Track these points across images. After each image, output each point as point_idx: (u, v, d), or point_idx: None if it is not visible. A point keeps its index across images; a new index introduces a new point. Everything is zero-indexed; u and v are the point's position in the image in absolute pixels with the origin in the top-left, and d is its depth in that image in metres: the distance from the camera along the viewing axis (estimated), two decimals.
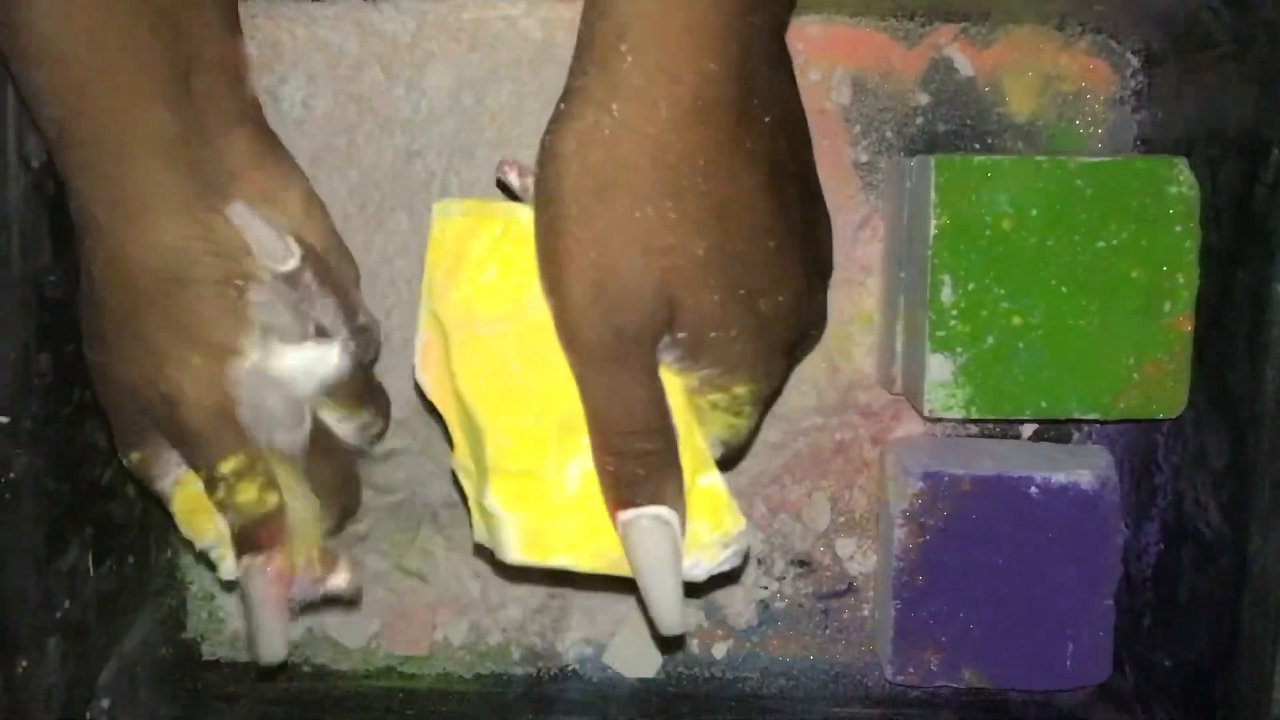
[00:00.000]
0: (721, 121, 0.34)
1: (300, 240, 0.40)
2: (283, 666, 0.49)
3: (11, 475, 0.42)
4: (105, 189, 0.37)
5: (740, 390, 0.37)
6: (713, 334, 0.35)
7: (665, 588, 0.37)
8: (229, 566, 0.41)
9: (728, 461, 0.45)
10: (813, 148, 0.40)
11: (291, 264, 0.40)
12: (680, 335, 0.35)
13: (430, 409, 0.42)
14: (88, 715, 0.47)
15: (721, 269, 0.35)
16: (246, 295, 0.39)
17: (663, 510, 0.36)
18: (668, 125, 0.33)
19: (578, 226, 0.34)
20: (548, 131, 0.35)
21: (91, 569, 0.47)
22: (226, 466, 0.39)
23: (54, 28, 0.35)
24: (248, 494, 0.39)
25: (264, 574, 0.39)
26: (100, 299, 0.38)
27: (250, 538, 0.39)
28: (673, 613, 0.37)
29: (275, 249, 0.40)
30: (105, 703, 0.48)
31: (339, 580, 0.42)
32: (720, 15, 0.33)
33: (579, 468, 0.38)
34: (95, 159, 0.37)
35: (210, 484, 0.39)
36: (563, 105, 0.34)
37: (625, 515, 0.37)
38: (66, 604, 0.45)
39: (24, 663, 0.43)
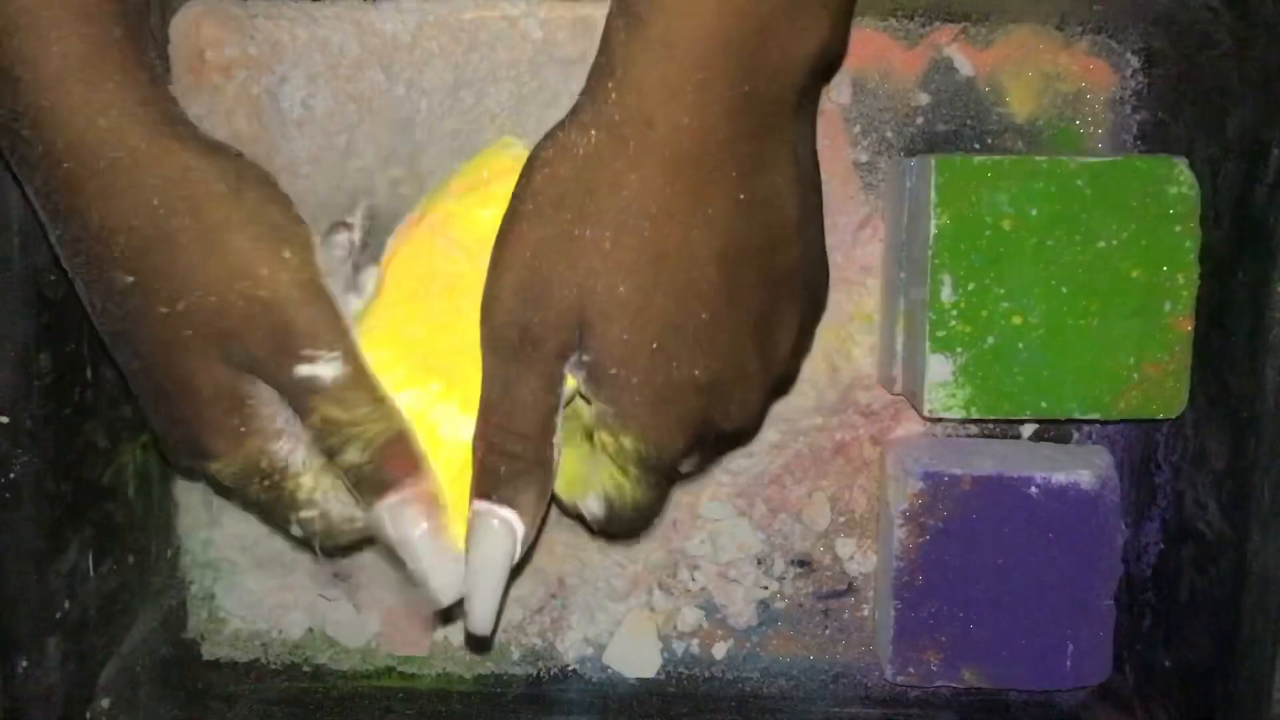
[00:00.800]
0: (686, 177, 0.35)
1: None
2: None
3: (11, 475, 0.42)
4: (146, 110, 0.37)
5: (626, 442, 0.37)
6: (613, 370, 0.36)
7: (487, 588, 0.38)
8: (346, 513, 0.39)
9: (614, 535, 0.46)
10: (811, 250, 0.38)
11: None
12: (585, 358, 0.36)
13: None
14: (88, 715, 0.47)
15: (638, 314, 0.35)
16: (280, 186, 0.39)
17: (511, 515, 0.37)
18: (632, 164, 0.35)
19: (527, 224, 0.36)
20: (543, 136, 0.37)
21: (91, 569, 0.47)
22: (341, 369, 0.37)
23: None
24: (368, 414, 0.37)
25: (412, 509, 0.38)
26: (162, 232, 0.36)
27: (381, 473, 0.37)
28: (486, 614, 0.38)
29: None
30: (105, 703, 0.48)
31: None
32: (701, 74, 0.34)
33: (407, 401, 0.39)
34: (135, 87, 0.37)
35: (327, 422, 0.37)
36: (564, 118, 0.36)
37: (477, 505, 0.38)
38: (66, 604, 0.45)
39: (24, 663, 0.43)
